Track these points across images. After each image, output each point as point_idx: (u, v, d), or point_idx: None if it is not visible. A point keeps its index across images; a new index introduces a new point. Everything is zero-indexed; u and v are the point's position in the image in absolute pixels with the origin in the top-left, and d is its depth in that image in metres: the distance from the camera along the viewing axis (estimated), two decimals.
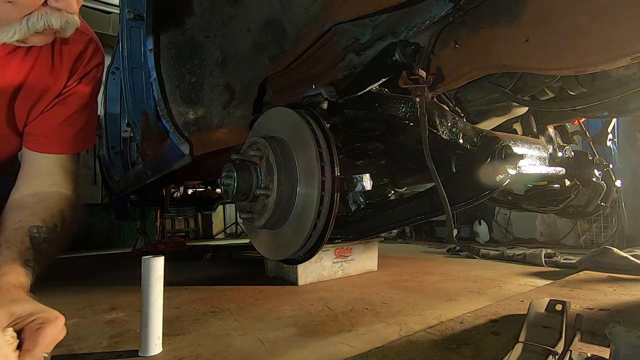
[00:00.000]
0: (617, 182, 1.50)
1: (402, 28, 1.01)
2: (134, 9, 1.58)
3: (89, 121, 1.10)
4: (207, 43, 1.49)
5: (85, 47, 1.03)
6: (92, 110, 1.12)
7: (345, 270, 2.45)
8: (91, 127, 1.12)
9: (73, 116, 1.05)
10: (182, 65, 1.51)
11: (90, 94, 1.08)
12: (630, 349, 0.83)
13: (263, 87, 1.48)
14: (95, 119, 1.16)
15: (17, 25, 0.72)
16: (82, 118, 1.07)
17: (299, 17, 1.12)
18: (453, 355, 1.13)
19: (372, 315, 1.58)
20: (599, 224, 3.54)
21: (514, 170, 0.92)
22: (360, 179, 0.98)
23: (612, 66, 0.69)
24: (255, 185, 0.90)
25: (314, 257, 0.96)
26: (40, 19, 0.73)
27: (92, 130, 1.13)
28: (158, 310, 1.26)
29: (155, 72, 1.44)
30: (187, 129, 1.55)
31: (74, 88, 1.03)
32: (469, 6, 0.86)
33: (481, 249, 3.24)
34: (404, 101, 0.99)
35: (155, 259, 1.26)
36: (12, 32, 0.72)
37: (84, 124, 1.08)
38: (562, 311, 1.29)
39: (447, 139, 0.99)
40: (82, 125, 1.08)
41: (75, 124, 1.06)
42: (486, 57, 0.85)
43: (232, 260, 3.58)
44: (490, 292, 1.92)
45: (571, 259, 2.58)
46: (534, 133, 1.43)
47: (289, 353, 1.21)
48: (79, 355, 1.24)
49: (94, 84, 1.09)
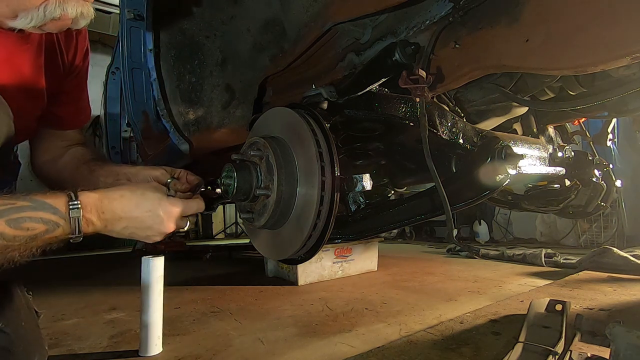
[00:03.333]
0: (617, 182, 1.50)
1: (402, 28, 1.01)
2: (134, 9, 1.57)
3: (86, 93, 1.17)
4: (207, 43, 1.49)
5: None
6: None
7: (345, 270, 2.45)
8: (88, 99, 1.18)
9: (84, 91, 1.12)
10: (182, 65, 1.51)
11: (87, 66, 1.12)
12: (630, 349, 0.83)
13: (263, 87, 1.48)
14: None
15: (35, 12, 0.74)
16: (86, 92, 1.14)
17: (299, 17, 1.12)
18: (453, 355, 1.13)
19: (372, 315, 1.58)
20: (599, 224, 3.54)
21: (514, 170, 0.92)
22: (360, 179, 0.98)
23: (612, 66, 0.69)
24: (255, 185, 0.89)
25: (314, 257, 0.96)
26: (57, 7, 0.74)
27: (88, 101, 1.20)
28: (158, 310, 1.26)
29: (155, 72, 1.44)
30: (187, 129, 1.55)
31: (80, 65, 1.07)
32: (469, 6, 0.86)
33: (481, 249, 3.24)
34: (404, 101, 0.99)
35: (155, 259, 1.26)
36: (30, 18, 0.74)
37: (87, 98, 1.15)
38: (562, 311, 1.29)
39: (447, 139, 0.99)
40: (87, 99, 1.15)
41: (84, 96, 1.14)
42: (486, 57, 0.85)
43: (232, 260, 3.58)
44: (490, 292, 1.92)
45: (571, 259, 2.58)
46: (534, 133, 1.43)
47: (289, 353, 1.21)
48: (79, 355, 1.24)
49: (88, 56, 1.12)
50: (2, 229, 0.60)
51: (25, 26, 0.76)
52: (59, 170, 1.05)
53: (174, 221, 0.76)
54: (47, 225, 0.64)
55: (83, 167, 1.03)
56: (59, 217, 0.65)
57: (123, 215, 0.71)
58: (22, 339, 0.82)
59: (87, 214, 0.68)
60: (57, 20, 0.76)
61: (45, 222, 0.64)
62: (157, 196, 0.75)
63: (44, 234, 0.64)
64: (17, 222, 0.61)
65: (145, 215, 0.73)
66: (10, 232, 0.61)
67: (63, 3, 0.75)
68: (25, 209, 0.63)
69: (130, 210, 0.72)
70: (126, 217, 0.72)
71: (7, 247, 0.61)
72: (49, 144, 1.08)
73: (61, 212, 0.65)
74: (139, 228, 0.73)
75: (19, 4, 0.73)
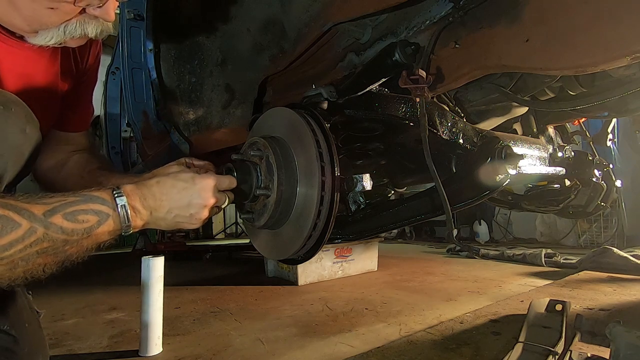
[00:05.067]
0: (617, 182, 1.50)
1: (402, 28, 1.01)
2: (134, 9, 1.57)
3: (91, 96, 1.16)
4: (207, 43, 1.49)
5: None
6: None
7: (345, 270, 2.45)
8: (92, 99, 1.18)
9: (91, 93, 1.11)
10: (182, 65, 1.51)
11: (98, 67, 1.12)
12: (630, 349, 0.83)
13: (263, 87, 1.48)
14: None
15: (55, 31, 0.74)
16: (92, 93, 1.13)
17: (299, 17, 1.12)
18: (453, 355, 1.13)
19: (372, 315, 1.58)
20: (599, 224, 3.54)
21: (514, 170, 0.92)
22: (360, 179, 0.98)
23: (612, 66, 0.69)
24: (255, 185, 0.89)
25: (314, 257, 0.96)
26: (78, 27, 0.75)
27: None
28: (158, 310, 1.26)
29: (155, 72, 1.44)
30: (187, 128, 1.55)
31: (92, 66, 1.06)
32: (469, 6, 0.86)
33: (481, 249, 3.24)
34: (404, 101, 0.99)
35: (155, 259, 1.26)
36: (50, 36, 0.74)
37: (92, 98, 1.14)
38: (562, 311, 1.29)
39: (447, 139, 0.99)
40: (91, 99, 1.14)
41: (90, 98, 1.12)
42: (486, 57, 0.85)
43: (232, 260, 3.58)
44: (490, 292, 1.92)
45: (571, 259, 2.58)
46: (534, 133, 1.43)
47: (289, 353, 1.21)
48: (79, 355, 1.24)
49: (100, 56, 1.12)
50: (60, 222, 0.61)
51: (44, 43, 0.75)
52: (64, 177, 1.04)
53: (212, 194, 0.77)
54: (99, 217, 0.66)
55: (88, 177, 1.02)
56: (107, 207, 0.67)
57: (163, 197, 0.72)
58: (26, 340, 0.82)
59: (131, 202, 0.69)
60: (77, 38, 0.77)
61: (97, 213, 0.65)
62: (189, 175, 0.76)
63: (97, 225, 0.65)
64: (73, 215, 0.63)
65: (183, 192, 0.74)
66: (68, 226, 0.62)
67: (84, 24, 0.75)
68: (76, 202, 0.64)
69: (168, 191, 0.73)
70: (167, 199, 0.73)
71: (67, 242, 0.63)
72: (54, 148, 1.06)
73: (109, 202, 0.67)
74: (181, 207, 0.74)
75: (39, 23, 0.72)
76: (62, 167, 1.06)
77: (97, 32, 0.77)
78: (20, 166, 0.74)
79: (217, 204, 0.79)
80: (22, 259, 0.59)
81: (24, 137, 0.73)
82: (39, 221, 0.60)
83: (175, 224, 0.75)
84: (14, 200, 0.60)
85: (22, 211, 0.59)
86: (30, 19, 0.72)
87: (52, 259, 0.63)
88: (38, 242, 0.59)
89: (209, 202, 0.76)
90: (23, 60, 0.83)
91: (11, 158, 0.71)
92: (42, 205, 0.61)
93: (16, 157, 0.73)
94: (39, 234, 0.59)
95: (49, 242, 0.61)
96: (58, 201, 0.63)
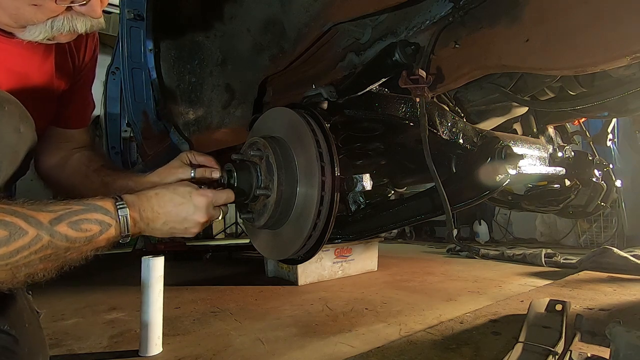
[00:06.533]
0: (617, 182, 1.50)
1: (402, 28, 1.01)
2: (134, 9, 1.57)
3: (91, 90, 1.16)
4: (207, 43, 1.49)
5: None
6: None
7: (345, 270, 2.45)
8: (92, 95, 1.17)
9: (90, 88, 1.11)
10: (182, 65, 1.51)
11: (96, 62, 1.11)
12: (630, 349, 0.83)
13: (263, 87, 1.48)
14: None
15: (42, 26, 0.74)
16: (91, 89, 1.13)
17: (299, 17, 1.12)
18: (453, 355, 1.13)
19: (372, 315, 1.58)
20: (599, 224, 3.54)
21: (514, 170, 0.92)
22: (360, 179, 0.98)
23: (612, 66, 0.69)
24: (255, 185, 0.89)
25: (314, 257, 0.96)
26: (66, 23, 0.75)
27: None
28: (158, 310, 1.26)
29: (155, 72, 1.44)
30: (187, 128, 1.55)
31: (89, 62, 1.06)
32: (469, 6, 0.86)
33: (481, 249, 3.23)
34: (404, 101, 0.99)
35: (155, 259, 1.26)
36: (38, 32, 0.74)
37: (91, 94, 1.14)
38: (562, 311, 1.30)
39: (447, 139, 0.99)
40: (91, 95, 1.14)
41: (90, 93, 1.12)
42: (486, 57, 0.85)
43: (232, 260, 3.58)
44: (490, 292, 1.92)
45: (571, 259, 2.58)
46: (534, 133, 1.42)
47: (289, 353, 1.21)
48: (79, 355, 1.24)
49: (97, 51, 1.11)
50: (65, 231, 0.63)
51: (33, 39, 0.75)
52: (68, 176, 1.05)
53: (206, 210, 0.80)
54: (101, 226, 0.68)
55: (93, 176, 1.03)
56: (110, 217, 0.69)
57: (160, 210, 0.76)
58: (26, 341, 0.82)
59: (131, 213, 0.72)
60: (67, 33, 0.76)
61: (100, 223, 0.68)
62: (187, 190, 0.80)
63: (99, 234, 0.68)
64: (77, 223, 0.65)
65: (179, 207, 0.77)
66: (72, 234, 0.64)
67: (72, 20, 0.75)
68: (81, 212, 0.66)
69: (165, 204, 0.76)
70: (163, 212, 0.76)
71: (69, 249, 0.65)
72: (55, 146, 1.06)
73: (111, 213, 0.70)
74: (176, 221, 0.78)
75: (25, 19, 0.73)
76: (65, 164, 1.07)
77: (87, 28, 0.77)
78: (16, 166, 0.75)
79: (212, 219, 0.83)
80: (26, 264, 0.60)
81: (18, 137, 0.74)
82: (45, 229, 0.61)
83: (170, 234, 0.80)
84: (20, 207, 0.61)
85: (29, 219, 0.60)
86: (15, 17, 0.72)
87: (53, 264, 0.64)
88: (42, 249, 0.61)
89: (202, 218, 0.80)
90: (15, 58, 0.82)
91: (6, 158, 0.72)
92: (47, 213, 0.63)
93: (11, 157, 0.73)
94: (44, 241, 0.61)
95: (53, 249, 0.62)
96: (63, 209, 0.65)
